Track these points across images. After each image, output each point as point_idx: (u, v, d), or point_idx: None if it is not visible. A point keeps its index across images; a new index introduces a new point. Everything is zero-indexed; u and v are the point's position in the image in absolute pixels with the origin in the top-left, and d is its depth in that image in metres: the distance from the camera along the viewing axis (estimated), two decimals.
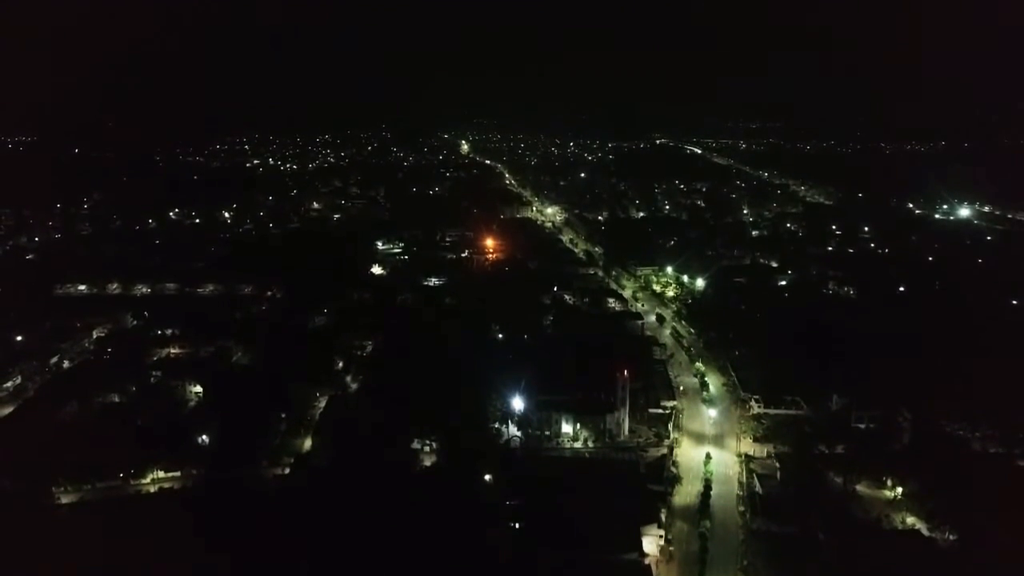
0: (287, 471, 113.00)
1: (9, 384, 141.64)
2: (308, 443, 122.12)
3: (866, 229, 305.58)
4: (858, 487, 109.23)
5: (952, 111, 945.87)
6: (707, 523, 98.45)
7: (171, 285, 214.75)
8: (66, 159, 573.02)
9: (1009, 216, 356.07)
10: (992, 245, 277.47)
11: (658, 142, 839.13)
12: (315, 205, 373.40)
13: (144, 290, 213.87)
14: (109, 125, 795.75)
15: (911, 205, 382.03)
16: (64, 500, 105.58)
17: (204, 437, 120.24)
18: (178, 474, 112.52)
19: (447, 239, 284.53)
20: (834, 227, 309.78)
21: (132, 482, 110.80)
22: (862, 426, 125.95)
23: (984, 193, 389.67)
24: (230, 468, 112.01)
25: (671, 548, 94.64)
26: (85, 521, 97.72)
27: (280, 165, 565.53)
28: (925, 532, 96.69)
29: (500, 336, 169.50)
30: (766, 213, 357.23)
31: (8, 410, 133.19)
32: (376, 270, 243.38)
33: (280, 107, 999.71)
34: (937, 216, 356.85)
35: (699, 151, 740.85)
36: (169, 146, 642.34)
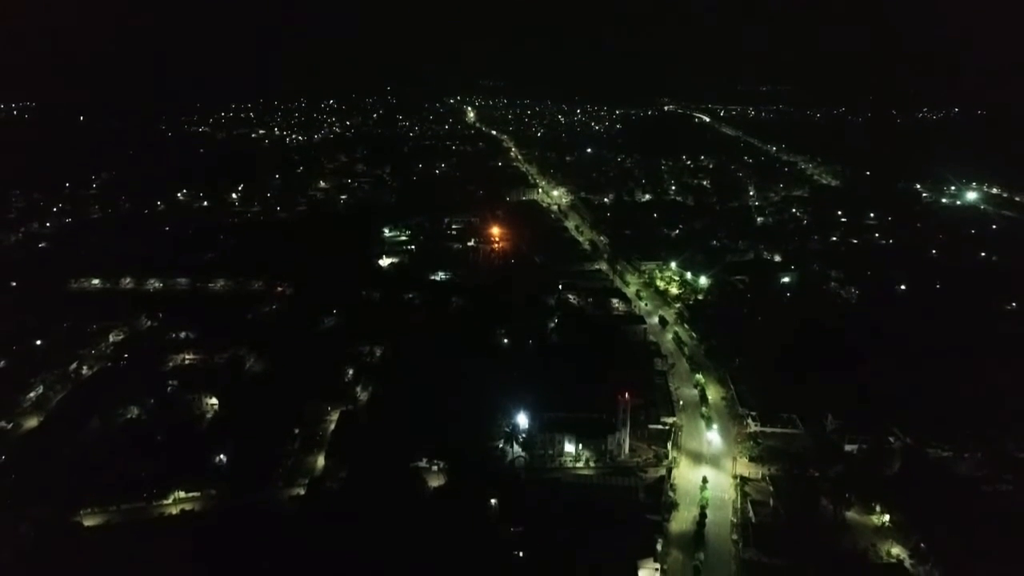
0: (302, 492, 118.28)
1: (32, 394, 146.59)
2: (320, 461, 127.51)
3: (871, 215, 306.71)
4: (848, 513, 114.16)
5: (967, 75, 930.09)
6: (701, 555, 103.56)
7: (183, 280, 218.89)
8: (71, 129, 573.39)
9: (1016, 199, 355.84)
10: (996, 236, 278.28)
11: (666, 108, 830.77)
12: (322, 184, 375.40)
13: (156, 285, 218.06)
14: (112, 90, 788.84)
15: (919, 186, 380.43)
16: (89, 523, 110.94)
17: (222, 456, 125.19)
18: (198, 495, 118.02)
19: (454, 227, 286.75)
20: (839, 213, 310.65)
21: (155, 503, 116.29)
22: (854, 448, 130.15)
23: (994, 171, 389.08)
24: (248, 490, 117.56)
25: None
26: (114, 546, 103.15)
27: (285, 136, 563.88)
28: (908, 565, 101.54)
29: (506, 342, 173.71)
30: (772, 195, 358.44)
31: (33, 422, 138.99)
32: (384, 262, 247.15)
33: (284, 72, 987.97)
34: (944, 200, 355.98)
35: (707, 119, 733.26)
36: (174, 114, 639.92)
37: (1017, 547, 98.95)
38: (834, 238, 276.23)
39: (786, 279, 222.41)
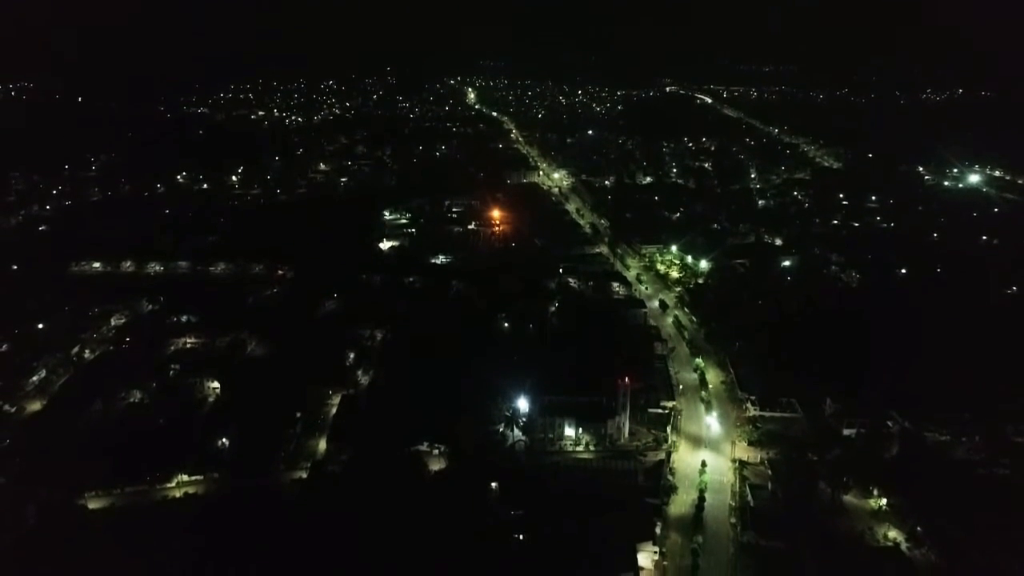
0: (304, 476, 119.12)
1: (35, 378, 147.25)
2: (322, 445, 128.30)
3: (873, 199, 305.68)
4: (846, 496, 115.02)
5: (971, 57, 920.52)
6: (699, 538, 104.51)
7: (183, 263, 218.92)
8: (69, 110, 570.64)
9: (1019, 182, 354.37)
10: (998, 220, 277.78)
11: (668, 89, 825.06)
12: (322, 167, 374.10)
13: (157, 268, 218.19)
14: (109, 70, 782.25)
15: (921, 169, 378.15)
16: (93, 506, 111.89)
17: (224, 440, 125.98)
18: (201, 478, 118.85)
19: (454, 210, 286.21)
20: (841, 196, 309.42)
21: (158, 487, 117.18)
22: (852, 432, 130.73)
23: (997, 154, 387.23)
24: (251, 473, 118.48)
25: (664, 563, 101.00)
26: (118, 529, 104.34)
27: (285, 118, 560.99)
28: (905, 549, 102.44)
29: (506, 325, 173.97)
30: (774, 178, 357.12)
31: (36, 406, 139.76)
32: (384, 245, 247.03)
33: (283, 51, 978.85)
34: (946, 183, 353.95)
35: (709, 100, 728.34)
36: (172, 94, 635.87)
37: (1013, 530, 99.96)
38: (835, 221, 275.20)
39: (787, 263, 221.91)
